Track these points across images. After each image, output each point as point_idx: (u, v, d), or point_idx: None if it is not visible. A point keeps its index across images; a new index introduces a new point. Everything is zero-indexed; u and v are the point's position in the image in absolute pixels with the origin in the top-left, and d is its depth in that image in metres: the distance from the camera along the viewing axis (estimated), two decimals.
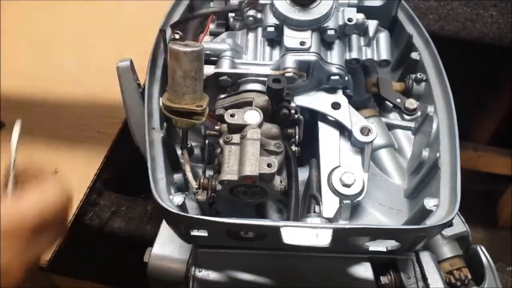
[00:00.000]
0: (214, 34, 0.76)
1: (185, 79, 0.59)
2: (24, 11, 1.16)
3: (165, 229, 0.69)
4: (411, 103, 0.78)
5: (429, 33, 0.79)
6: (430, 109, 0.72)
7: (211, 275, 0.64)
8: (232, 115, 0.60)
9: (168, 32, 0.73)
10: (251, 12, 0.71)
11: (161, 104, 0.63)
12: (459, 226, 0.70)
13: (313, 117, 0.69)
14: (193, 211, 0.67)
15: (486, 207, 1.81)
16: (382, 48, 0.71)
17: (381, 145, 0.76)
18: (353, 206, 0.64)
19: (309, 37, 0.67)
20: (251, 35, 0.71)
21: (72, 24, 1.15)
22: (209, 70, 0.65)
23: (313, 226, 0.53)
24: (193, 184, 0.62)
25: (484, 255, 0.68)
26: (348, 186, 0.61)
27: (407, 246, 0.64)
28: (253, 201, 0.61)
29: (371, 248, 0.63)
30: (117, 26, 1.14)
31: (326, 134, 0.67)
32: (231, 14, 0.76)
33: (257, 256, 0.65)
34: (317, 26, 0.68)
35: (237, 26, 0.75)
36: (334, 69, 0.68)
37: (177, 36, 0.60)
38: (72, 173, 0.90)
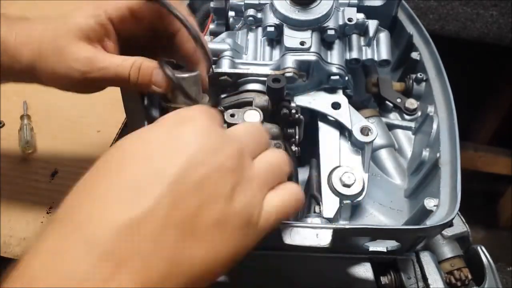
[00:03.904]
0: (214, 34, 0.76)
1: (193, 101, 0.58)
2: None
3: None
4: (411, 103, 0.78)
5: (429, 33, 0.79)
6: (430, 109, 0.72)
7: None
8: (232, 115, 0.60)
9: None
10: (251, 12, 0.71)
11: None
12: (460, 226, 0.70)
13: (313, 117, 0.69)
14: None
15: (486, 207, 1.81)
16: (382, 48, 0.71)
17: (381, 145, 0.76)
18: (353, 206, 0.64)
19: (309, 37, 0.67)
20: (251, 35, 0.71)
21: None
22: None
23: (313, 226, 0.53)
24: None
25: (484, 255, 0.68)
26: (348, 186, 0.61)
27: (407, 246, 0.64)
28: None
29: (371, 248, 0.63)
30: None
31: (326, 134, 0.67)
32: (231, 14, 0.76)
33: (257, 256, 0.65)
34: (317, 26, 0.68)
35: (237, 26, 0.75)
36: (334, 69, 0.67)
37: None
38: (72, 173, 0.90)
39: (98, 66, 0.54)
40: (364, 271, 0.65)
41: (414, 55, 0.79)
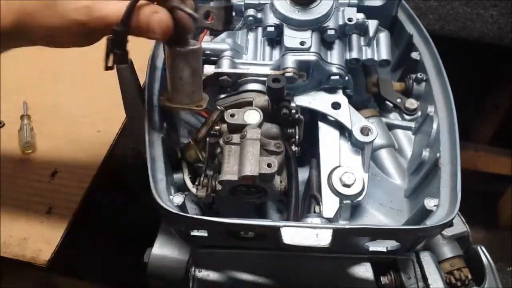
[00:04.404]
0: (214, 34, 0.76)
1: (194, 78, 0.59)
2: None
3: (165, 229, 0.69)
4: (411, 103, 0.78)
5: (429, 33, 0.79)
6: (430, 109, 0.72)
7: (211, 275, 0.64)
8: (232, 115, 0.60)
9: None
10: (251, 12, 0.71)
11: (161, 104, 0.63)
12: (460, 226, 0.70)
13: (313, 117, 0.69)
14: (193, 211, 0.67)
15: (486, 207, 1.81)
16: (382, 48, 0.71)
17: (381, 145, 0.76)
18: (353, 206, 0.64)
19: (309, 37, 0.67)
20: (251, 35, 0.71)
21: None
22: (209, 70, 0.65)
23: (313, 226, 0.53)
24: (191, 188, 0.62)
25: (484, 255, 0.68)
26: (348, 186, 0.61)
27: (407, 246, 0.64)
28: (253, 201, 0.60)
29: (371, 248, 0.63)
30: None
31: (326, 134, 0.67)
32: None
33: (257, 256, 0.65)
34: (317, 26, 0.68)
35: (237, 26, 0.75)
36: (334, 69, 0.67)
37: None
38: (72, 173, 0.90)
39: (97, 14, 0.51)
40: (364, 271, 0.65)
41: (414, 55, 0.79)
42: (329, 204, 0.61)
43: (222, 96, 0.66)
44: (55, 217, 0.83)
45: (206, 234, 0.61)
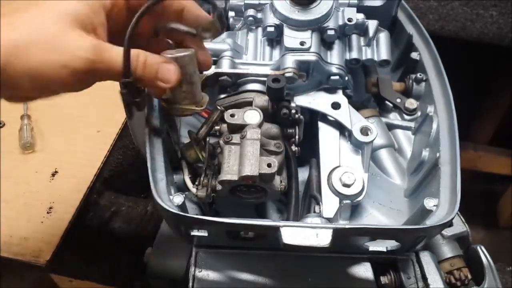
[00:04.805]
0: None
1: (192, 82, 0.59)
2: None
3: (165, 229, 0.70)
4: (411, 103, 0.78)
5: (429, 33, 0.79)
6: (430, 109, 0.72)
7: (211, 275, 0.64)
8: (232, 115, 0.60)
9: None
10: (251, 12, 0.71)
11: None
12: (459, 226, 0.70)
13: (313, 117, 0.69)
14: (193, 211, 0.67)
15: (486, 207, 1.81)
16: (382, 48, 0.71)
17: (381, 145, 0.76)
18: (353, 206, 0.64)
19: (309, 37, 0.67)
20: (251, 35, 0.71)
21: None
22: (209, 70, 0.65)
23: (313, 226, 0.53)
24: (191, 188, 0.62)
25: (484, 255, 0.68)
26: (348, 186, 0.61)
27: (407, 246, 0.64)
28: (253, 201, 0.61)
29: (371, 248, 0.63)
30: None
31: (326, 134, 0.67)
32: (231, 14, 0.76)
33: (257, 256, 0.65)
34: (317, 26, 0.68)
35: (237, 26, 0.75)
36: (334, 69, 0.68)
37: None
38: (72, 173, 0.90)
39: (104, 55, 0.48)
40: (364, 271, 0.65)
41: (414, 55, 0.79)
42: (329, 204, 0.61)
43: (222, 96, 0.66)
44: (55, 217, 0.83)
45: (206, 234, 0.61)
